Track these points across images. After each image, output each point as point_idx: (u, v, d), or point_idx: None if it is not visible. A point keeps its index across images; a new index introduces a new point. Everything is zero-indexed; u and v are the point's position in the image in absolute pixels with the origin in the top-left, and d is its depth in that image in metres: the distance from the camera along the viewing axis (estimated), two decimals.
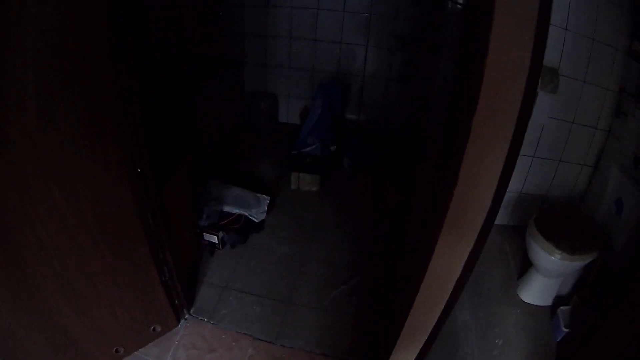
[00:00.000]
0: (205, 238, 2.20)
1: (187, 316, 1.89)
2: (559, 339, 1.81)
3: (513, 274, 2.19)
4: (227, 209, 2.30)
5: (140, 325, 1.67)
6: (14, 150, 1.02)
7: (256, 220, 2.34)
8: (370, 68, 3.19)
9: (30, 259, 1.18)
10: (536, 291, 2.00)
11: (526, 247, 1.93)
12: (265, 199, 2.40)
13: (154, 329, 1.74)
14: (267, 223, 2.42)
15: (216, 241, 2.18)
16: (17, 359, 1.33)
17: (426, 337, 1.26)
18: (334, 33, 3.10)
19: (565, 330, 1.77)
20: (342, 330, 1.87)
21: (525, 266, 2.11)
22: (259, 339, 1.81)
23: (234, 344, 1.78)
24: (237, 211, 2.31)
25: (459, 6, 1.14)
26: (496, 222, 0.96)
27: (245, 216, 2.32)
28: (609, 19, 1.96)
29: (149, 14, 2.28)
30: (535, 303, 2.03)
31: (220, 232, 2.19)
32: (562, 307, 1.88)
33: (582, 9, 1.96)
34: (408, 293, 1.20)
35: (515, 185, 2.45)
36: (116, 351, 1.63)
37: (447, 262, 1.03)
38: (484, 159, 0.83)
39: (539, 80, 1.45)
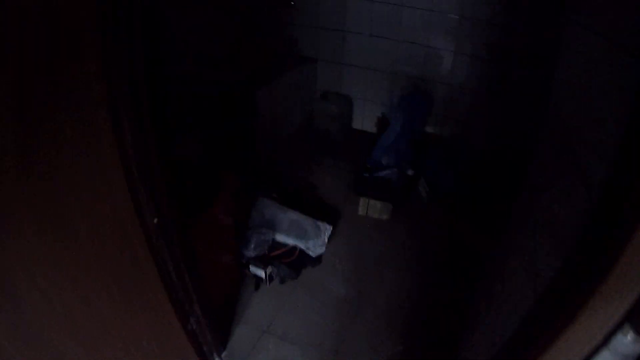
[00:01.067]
0: (251, 270, 1.86)
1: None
2: None
3: None
4: (279, 238, 1.95)
5: None
6: None
7: (313, 256, 1.96)
8: (458, 77, 2.67)
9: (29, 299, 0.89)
10: None
11: None
12: (327, 229, 2.01)
13: None
14: (325, 254, 2.03)
15: (263, 276, 1.84)
16: None
17: None
18: (419, 34, 2.63)
19: None
20: None
21: None
22: None
23: None
24: (291, 242, 1.95)
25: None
26: None
27: (301, 249, 1.95)
28: None
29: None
30: None
31: (269, 266, 1.84)
32: None
33: None
34: None
35: None
36: None
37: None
38: None
39: None
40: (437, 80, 2.72)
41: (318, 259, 2.01)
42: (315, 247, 1.98)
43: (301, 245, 1.96)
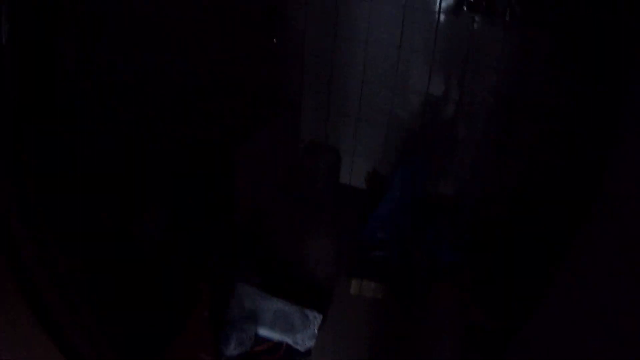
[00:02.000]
0: None
1: None
2: None
3: None
4: (263, 332, 1.68)
5: None
6: None
7: (301, 350, 1.71)
8: (461, 129, 2.49)
9: None
10: None
11: None
12: (317, 318, 1.76)
13: None
14: (314, 346, 1.78)
15: None
16: None
17: None
18: (419, 80, 2.45)
19: None
20: None
21: None
22: None
23: None
24: (277, 336, 1.69)
25: None
26: None
27: (288, 344, 1.70)
28: None
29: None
30: None
31: None
32: None
33: None
34: None
35: None
36: None
37: None
38: None
39: None
40: (438, 133, 2.54)
41: (307, 353, 1.76)
42: (303, 340, 1.72)
43: (288, 340, 1.70)
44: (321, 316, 1.76)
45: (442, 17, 2.36)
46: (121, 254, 1.62)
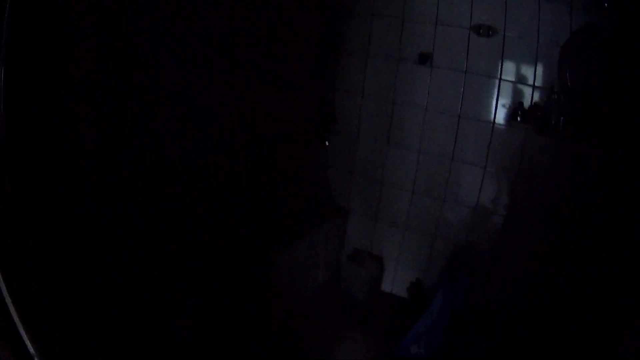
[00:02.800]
0: None
1: None
2: None
3: None
4: None
5: None
6: None
7: None
8: (511, 245, 2.36)
9: None
10: None
11: None
12: None
13: None
14: None
15: None
16: None
17: None
18: (470, 193, 2.33)
19: None
20: None
21: None
22: None
23: None
24: None
25: None
26: None
27: None
28: None
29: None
30: None
31: None
32: None
33: None
34: None
35: None
36: None
37: None
38: None
39: None
40: (483, 246, 2.40)
41: None
42: None
43: None
44: None
45: (496, 127, 2.30)
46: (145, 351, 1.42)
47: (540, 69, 2.26)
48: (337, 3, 2.35)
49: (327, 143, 2.34)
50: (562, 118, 2.30)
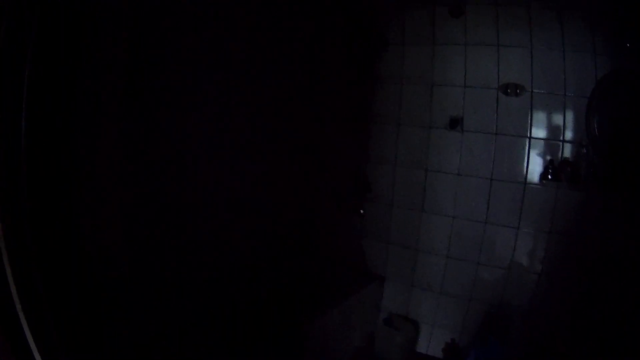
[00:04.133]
0: None
1: None
2: None
3: None
4: None
5: None
6: None
7: None
8: (544, 303, 2.34)
9: None
10: None
11: None
12: None
13: None
14: None
15: None
16: None
17: None
18: (504, 254, 2.32)
19: None
20: None
21: None
22: None
23: None
24: None
25: None
26: None
27: None
28: None
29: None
30: None
31: None
32: None
33: None
34: None
35: None
36: None
37: None
38: None
39: None
40: (517, 304, 2.38)
41: None
42: None
43: None
44: None
45: (527, 187, 2.28)
46: None
47: (569, 123, 2.24)
48: (367, 71, 2.32)
49: (362, 211, 2.31)
50: (592, 170, 2.29)
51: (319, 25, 2.21)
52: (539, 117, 2.27)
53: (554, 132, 2.29)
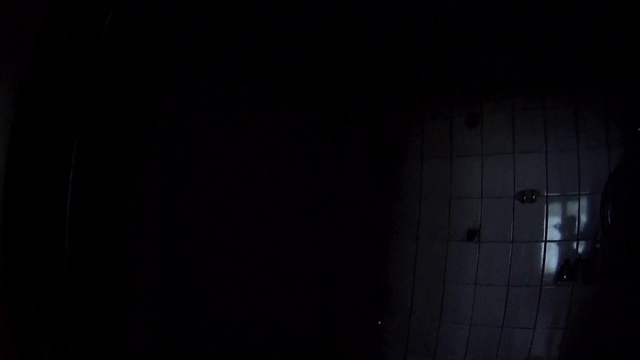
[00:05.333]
0: None
1: None
2: None
3: None
4: None
5: None
6: None
7: None
8: None
9: None
10: None
11: None
12: None
13: None
14: None
15: None
16: None
17: None
18: (521, 355, 2.39)
19: None
20: None
21: None
22: None
23: None
24: None
25: None
26: None
27: None
28: None
29: None
30: None
31: None
32: None
33: None
34: None
35: None
36: None
37: None
38: None
39: None
40: None
41: None
42: None
43: None
44: None
45: (543, 289, 2.33)
46: None
47: (583, 221, 2.27)
48: (387, 185, 2.31)
49: (379, 322, 2.34)
50: (606, 263, 2.34)
51: (339, 138, 2.19)
52: (554, 219, 2.29)
53: (569, 233, 2.32)
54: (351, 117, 2.16)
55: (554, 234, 2.28)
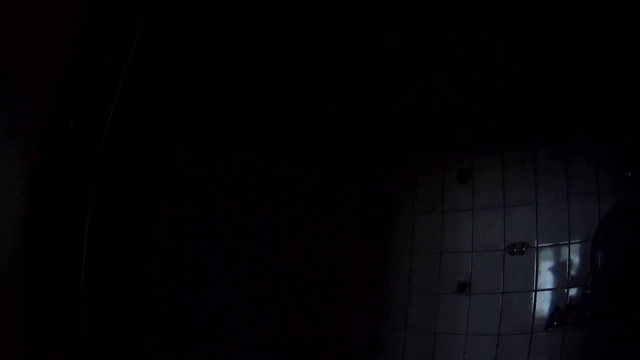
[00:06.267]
0: None
1: None
2: None
3: None
4: None
5: None
6: None
7: None
8: None
9: None
10: None
11: None
12: None
13: None
14: None
15: None
16: None
17: None
18: None
19: None
20: None
21: None
22: None
23: None
24: None
25: None
26: None
27: None
28: None
29: None
30: None
31: None
32: None
33: None
34: None
35: None
36: None
37: None
38: None
39: None
40: None
41: None
42: None
43: None
44: None
45: (534, 337, 2.38)
46: None
47: (574, 268, 2.31)
48: (379, 240, 2.36)
49: None
50: (596, 309, 2.39)
51: (333, 194, 2.24)
52: (545, 269, 2.34)
53: (560, 280, 2.36)
54: (345, 173, 2.20)
55: (544, 282, 2.32)
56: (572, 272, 2.26)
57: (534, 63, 1.92)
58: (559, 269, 2.29)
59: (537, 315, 2.31)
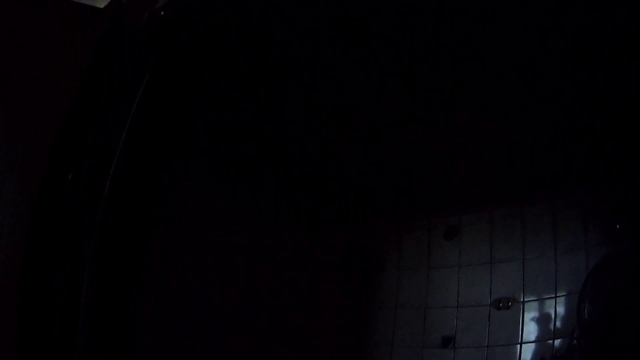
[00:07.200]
0: None
1: None
2: None
3: None
4: None
5: None
6: None
7: None
8: None
9: None
10: None
11: None
12: None
13: None
14: None
15: None
16: None
17: None
18: None
19: None
20: None
21: None
22: None
23: None
24: None
25: None
26: None
27: None
28: None
29: None
30: None
31: None
32: None
33: None
34: None
35: None
36: None
37: None
38: None
39: None
40: None
41: None
42: None
43: None
44: None
45: None
46: None
47: (560, 321, 2.32)
48: (363, 294, 2.36)
49: None
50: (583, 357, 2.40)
51: (318, 248, 2.25)
52: (531, 322, 2.35)
53: (546, 333, 2.37)
54: (330, 227, 2.21)
55: (530, 335, 2.33)
56: (558, 324, 2.27)
57: (520, 122, 1.92)
58: (545, 321, 2.30)
59: None
